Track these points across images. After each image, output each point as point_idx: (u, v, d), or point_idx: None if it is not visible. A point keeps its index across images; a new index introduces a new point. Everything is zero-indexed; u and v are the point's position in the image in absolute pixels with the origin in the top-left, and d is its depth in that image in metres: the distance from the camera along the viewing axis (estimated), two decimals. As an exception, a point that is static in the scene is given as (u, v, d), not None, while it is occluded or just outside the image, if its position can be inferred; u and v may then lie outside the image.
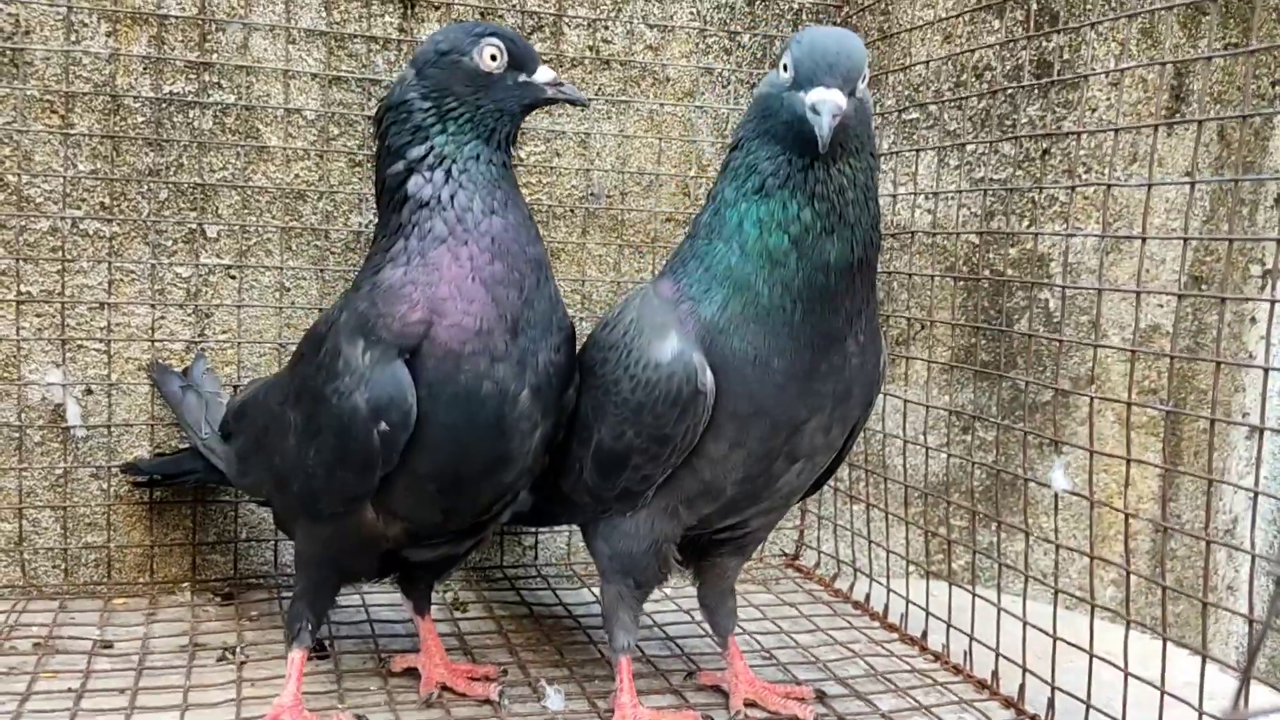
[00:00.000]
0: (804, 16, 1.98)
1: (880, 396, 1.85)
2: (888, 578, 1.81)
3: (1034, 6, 2.03)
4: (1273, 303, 1.21)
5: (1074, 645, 1.36)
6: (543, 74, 1.27)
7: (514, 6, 1.83)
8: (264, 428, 1.39)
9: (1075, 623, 1.42)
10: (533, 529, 1.92)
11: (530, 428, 1.24)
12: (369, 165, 1.79)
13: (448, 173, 1.20)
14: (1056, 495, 1.46)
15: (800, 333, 1.17)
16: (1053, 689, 1.39)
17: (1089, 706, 1.34)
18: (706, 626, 1.51)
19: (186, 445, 1.68)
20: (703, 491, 1.27)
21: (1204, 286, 2.28)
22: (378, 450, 1.18)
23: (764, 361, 1.18)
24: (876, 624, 1.76)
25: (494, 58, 1.22)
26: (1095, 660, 1.34)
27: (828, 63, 1.11)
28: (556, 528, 1.92)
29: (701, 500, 1.28)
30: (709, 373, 1.18)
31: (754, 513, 1.33)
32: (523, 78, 1.25)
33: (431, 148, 1.20)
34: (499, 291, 1.19)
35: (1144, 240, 1.34)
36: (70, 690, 1.37)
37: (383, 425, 1.17)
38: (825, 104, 1.09)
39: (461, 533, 1.34)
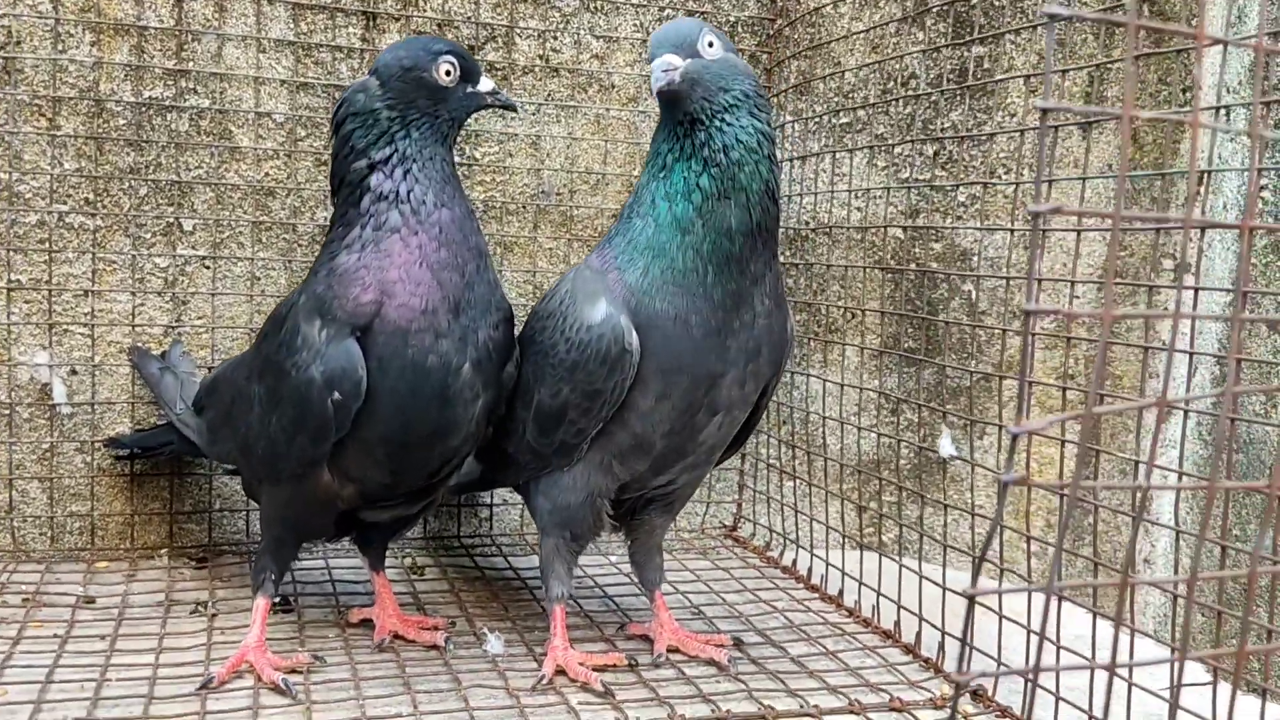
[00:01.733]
0: (739, 29, 2.14)
1: (817, 382, 2.01)
2: (811, 546, 1.97)
3: (950, 21, 2.19)
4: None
5: (957, 593, 1.52)
6: (484, 84, 1.44)
7: (468, 19, 1.98)
8: (232, 400, 1.54)
9: (981, 584, 1.58)
10: (488, 502, 2.08)
11: (472, 397, 1.39)
12: (334, 164, 1.94)
13: (407, 171, 1.35)
14: (944, 461, 1.62)
15: (713, 293, 1.34)
16: (943, 634, 1.55)
17: (971, 647, 1.50)
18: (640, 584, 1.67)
19: (163, 421, 1.82)
20: (634, 445, 1.42)
21: (1119, 278, 2.45)
22: (331, 417, 1.33)
23: (683, 319, 1.35)
24: (800, 585, 1.92)
25: (449, 73, 1.39)
26: (976, 610, 1.50)
27: (656, 41, 1.35)
28: (511, 503, 2.08)
29: (633, 454, 1.43)
30: (634, 333, 1.34)
31: (680, 468, 1.48)
32: (470, 89, 1.42)
33: (395, 150, 1.35)
34: (443, 275, 1.34)
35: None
36: (56, 636, 1.52)
37: (336, 395, 1.32)
38: (655, 63, 1.32)
39: (412, 495, 1.49)
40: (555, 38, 2.05)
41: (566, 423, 1.40)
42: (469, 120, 1.52)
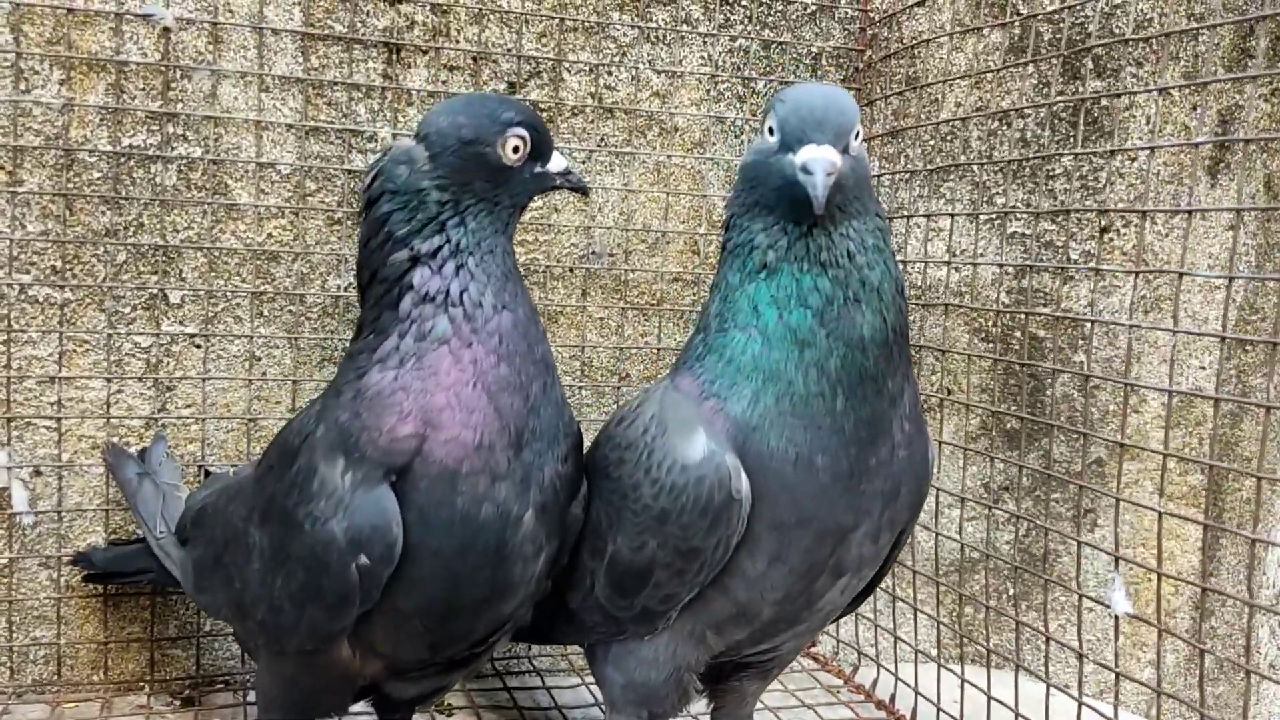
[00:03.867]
0: (823, 61, 1.83)
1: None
2: (915, 673, 1.65)
3: (1062, 54, 1.88)
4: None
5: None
6: (556, 162, 1.15)
7: (509, 51, 1.68)
8: (225, 543, 1.23)
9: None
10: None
11: (534, 551, 1.10)
12: (349, 223, 1.64)
13: (460, 265, 1.06)
14: (1117, 618, 1.31)
15: (844, 423, 1.04)
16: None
17: None
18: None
19: (143, 535, 1.52)
20: (735, 614, 1.12)
21: (1248, 348, 2.13)
22: (356, 586, 1.03)
23: (806, 460, 1.03)
24: (905, 732, 1.60)
25: (516, 150, 1.09)
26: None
27: (815, 119, 1.01)
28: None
29: (733, 624, 1.13)
30: (744, 477, 1.03)
31: (788, 636, 1.18)
32: (539, 168, 1.13)
33: (447, 240, 1.06)
34: (503, 400, 1.05)
35: (1174, 333, 1.19)
36: (-2, 833, 1.21)
37: (362, 559, 1.02)
38: (817, 161, 0.99)
39: (448, 665, 1.19)
40: (610, 73, 1.74)
41: (652, 585, 1.09)
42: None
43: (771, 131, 1.05)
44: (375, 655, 1.13)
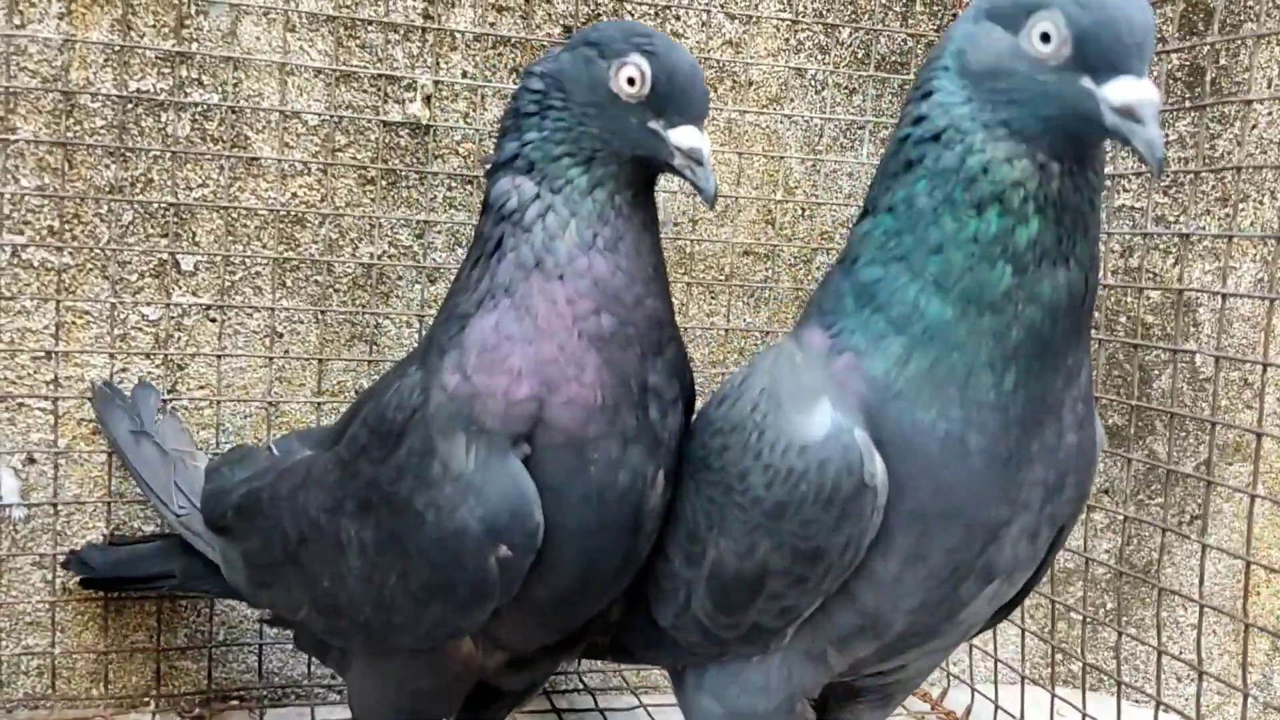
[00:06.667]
0: (916, 6, 1.63)
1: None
2: (996, 693, 1.46)
3: (1180, 6, 1.68)
4: None
5: None
6: (683, 135, 0.92)
7: (566, -10, 1.49)
8: (299, 537, 1.06)
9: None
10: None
11: (662, 509, 0.99)
12: (384, 183, 1.46)
13: (538, 183, 0.93)
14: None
15: (1010, 401, 0.85)
16: None
17: None
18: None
19: (159, 533, 1.35)
20: (862, 627, 0.94)
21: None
22: (495, 580, 0.91)
23: (957, 439, 0.85)
24: (1007, 767, 1.41)
25: (631, 81, 0.92)
26: None
27: (1136, 39, 0.77)
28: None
29: (859, 639, 0.95)
30: (877, 458, 0.85)
31: (920, 652, 1.00)
32: (654, 124, 0.92)
33: (524, 144, 0.94)
34: (615, 354, 0.92)
35: None
36: None
37: (503, 550, 0.90)
38: (1149, 106, 0.76)
39: (562, 647, 1.11)
40: (677, 17, 1.55)
41: (765, 597, 0.91)
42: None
43: (1047, 37, 0.80)
44: (499, 647, 1.03)
